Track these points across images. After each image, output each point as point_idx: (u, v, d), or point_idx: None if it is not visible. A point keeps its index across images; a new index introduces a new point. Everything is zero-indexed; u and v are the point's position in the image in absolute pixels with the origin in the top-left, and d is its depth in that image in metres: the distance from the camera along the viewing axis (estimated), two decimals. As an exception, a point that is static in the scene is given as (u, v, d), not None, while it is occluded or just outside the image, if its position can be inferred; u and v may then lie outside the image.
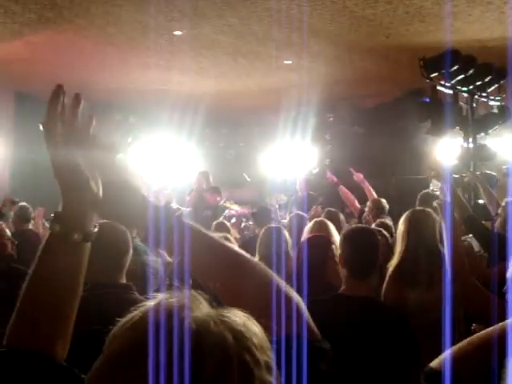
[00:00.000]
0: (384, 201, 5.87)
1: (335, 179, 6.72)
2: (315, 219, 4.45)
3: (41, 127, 1.13)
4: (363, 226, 3.30)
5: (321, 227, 4.09)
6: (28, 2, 5.65)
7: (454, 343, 1.41)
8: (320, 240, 3.20)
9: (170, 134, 9.92)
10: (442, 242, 3.20)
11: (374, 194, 6.38)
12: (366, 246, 2.61)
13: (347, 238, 2.67)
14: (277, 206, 8.01)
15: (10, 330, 1.05)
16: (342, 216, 5.57)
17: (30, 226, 5.73)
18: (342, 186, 6.51)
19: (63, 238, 1.09)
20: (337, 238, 4.15)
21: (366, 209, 5.86)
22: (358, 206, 6.30)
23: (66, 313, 1.10)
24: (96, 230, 1.15)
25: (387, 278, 3.01)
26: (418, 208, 3.58)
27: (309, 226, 4.24)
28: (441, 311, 2.08)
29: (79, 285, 1.13)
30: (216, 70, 8.40)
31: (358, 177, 6.62)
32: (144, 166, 9.86)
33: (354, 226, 3.13)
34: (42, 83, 8.93)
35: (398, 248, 3.12)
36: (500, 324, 1.34)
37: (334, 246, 3.21)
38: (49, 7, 5.82)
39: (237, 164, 11.17)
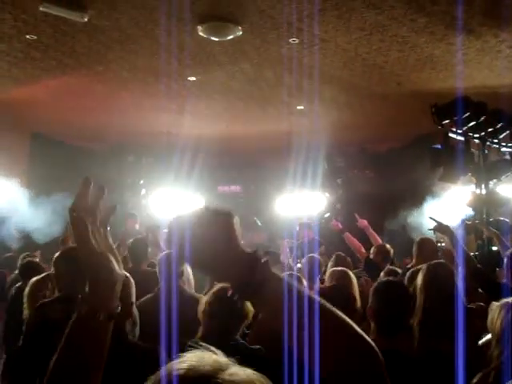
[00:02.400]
0: (388, 246, 5.88)
1: (340, 226, 6.73)
2: (336, 268, 4.40)
3: (71, 213, 1.23)
4: (395, 279, 3.20)
5: (342, 276, 4.04)
6: (48, 49, 5.81)
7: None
8: (341, 291, 3.11)
9: (181, 176, 9.98)
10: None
11: (378, 239, 6.40)
12: (397, 302, 2.55)
13: (378, 292, 2.61)
14: (287, 250, 7.96)
15: None
16: (349, 259, 5.54)
17: None
18: (347, 233, 6.52)
19: (89, 317, 1.17)
20: (356, 287, 4.10)
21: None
22: (364, 251, 6.28)
23: (91, 383, 1.17)
24: (119, 310, 1.22)
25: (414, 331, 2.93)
26: (435, 261, 3.50)
27: (330, 273, 4.19)
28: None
29: (103, 359, 1.19)
30: (228, 115, 8.52)
31: (362, 223, 6.65)
32: (157, 208, 9.91)
33: (386, 278, 3.04)
34: (58, 125, 9.16)
35: (418, 301, 3.05)
36: None
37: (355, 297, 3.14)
38: (68, 54, 5.97)
39: (247, 207, 11.18)
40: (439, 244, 6.20)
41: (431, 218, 4.47)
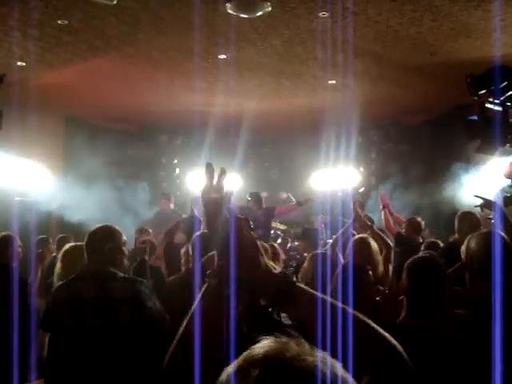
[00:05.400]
0: (419, 218, 5.88)
1: (386, 201, 6.73)
2: (356, 236, 4.39)
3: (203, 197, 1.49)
4: (430, 255, 3.08)
5: (362, 245, 4.03)
6: (79, 32, 5.87)
7: None
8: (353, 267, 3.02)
9: (214, 154, 10.01)
10: None
11: (401, 218, 6.57)
12: (428, 280, 2.44)
13: (411, 269, 2.50)
14: (322, 226, 7.95)
15: (169, 357, 1.28)
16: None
17: None
18: (386, 209, 6.52)
19: (217, 290, 1.29)
20: (378, 256, 4.07)
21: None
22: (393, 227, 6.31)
23: (213, 350, 1.27)
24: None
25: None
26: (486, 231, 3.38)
27: (351, 244, 4.19)
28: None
29: (222, 329, 1.28)
30: (260, 92, 8.47)
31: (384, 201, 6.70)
32: (192, 187, 9.99)
33: (421, 254, 2.91)
34: (92, 108, 9.26)
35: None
36: None
37: (370, 272, 3.09)
38: (98, 37, 6.03)
39: (281, 183, 11.18)
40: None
41: (477, 195, 4.37)
